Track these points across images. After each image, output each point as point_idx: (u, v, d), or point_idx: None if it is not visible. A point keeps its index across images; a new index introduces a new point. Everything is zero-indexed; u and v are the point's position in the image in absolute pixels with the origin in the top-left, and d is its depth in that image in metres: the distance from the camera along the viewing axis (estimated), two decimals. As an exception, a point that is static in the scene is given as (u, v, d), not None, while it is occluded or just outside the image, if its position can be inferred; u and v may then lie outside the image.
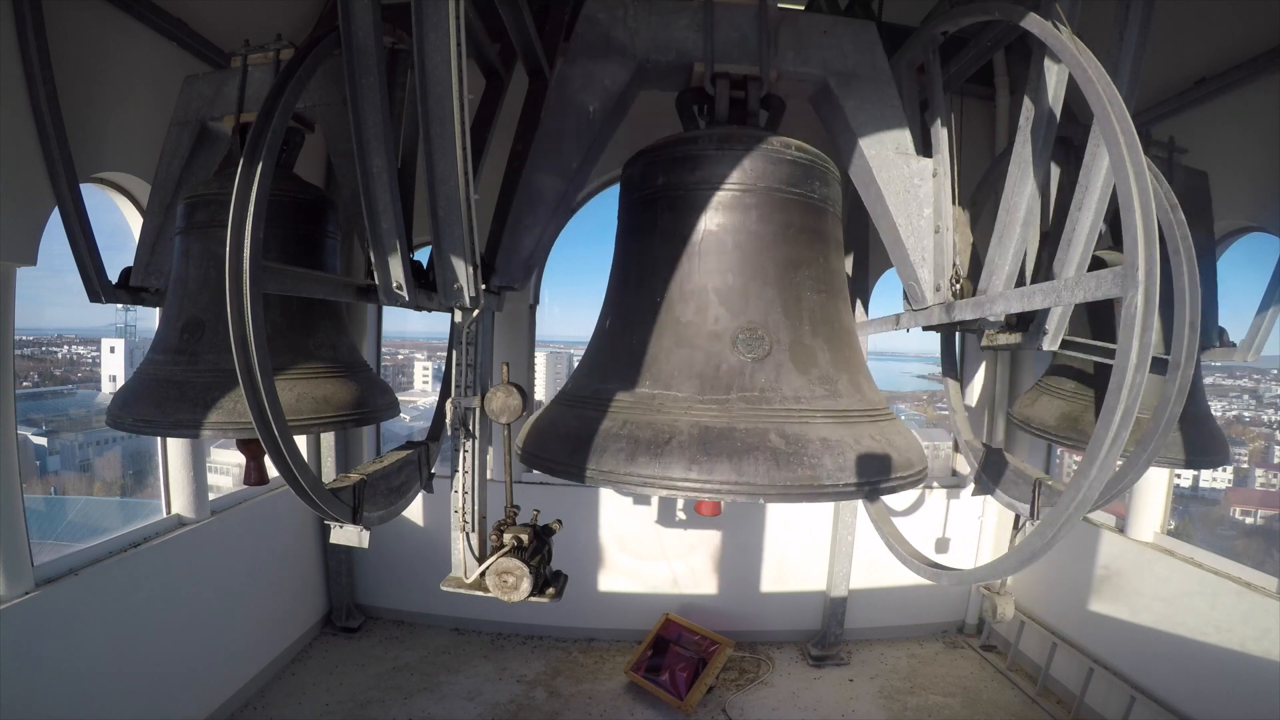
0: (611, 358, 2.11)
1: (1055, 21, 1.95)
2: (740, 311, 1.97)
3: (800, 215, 2.12)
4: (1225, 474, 15.32)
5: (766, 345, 1.92)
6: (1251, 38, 3.54)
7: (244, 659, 4.69)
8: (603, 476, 1.79)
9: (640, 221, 2.24)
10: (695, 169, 2.10)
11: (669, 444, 1.74)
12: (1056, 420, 3.17)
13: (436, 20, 1.63)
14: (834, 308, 2.14)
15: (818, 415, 1.86)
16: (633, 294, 2.16)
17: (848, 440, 1.82)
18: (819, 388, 1.93)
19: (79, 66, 3.09)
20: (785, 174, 2.11)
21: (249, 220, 1.48)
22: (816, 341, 2.02)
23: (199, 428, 2.14)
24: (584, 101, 2.27)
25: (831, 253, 2.22)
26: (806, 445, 1.75)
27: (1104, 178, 2.00)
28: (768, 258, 2.04)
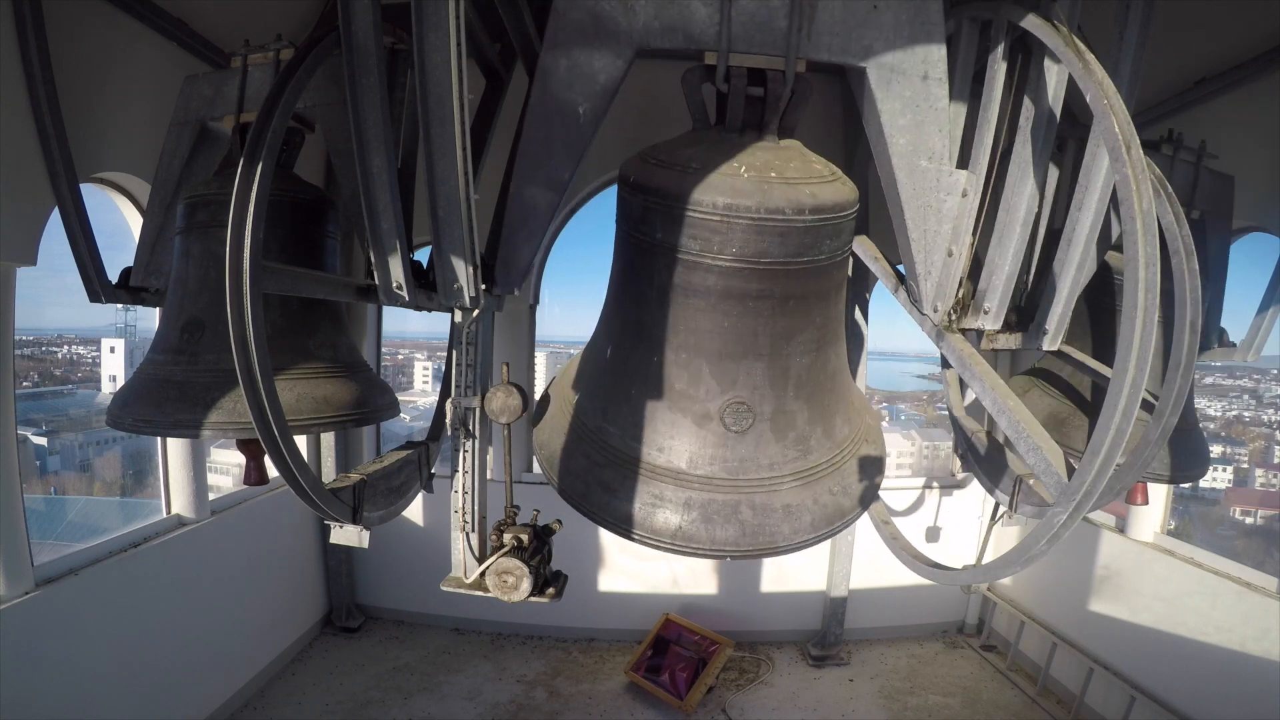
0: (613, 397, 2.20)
1: (1055, 21, 1.95)
2: (729, 385, 2.04)
3: (804, 284, 1.99)
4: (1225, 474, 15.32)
5: (750, 418, 2.06)
6: (1251, 38, 3.54)
7: (244, 659, 4.69)
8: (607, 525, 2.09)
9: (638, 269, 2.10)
10: (695, 237, 1.89)
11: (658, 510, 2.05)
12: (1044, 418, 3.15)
13: (436, 20, 1.63)
14: (823, 359, 2.16)
15: (786, 480, 2.09)
16: (631, 339, 2.16)
17: (806, 503, 2.09)
18: (792, 450, 2.12)
19: (79, 66, 3.09)
20: (794, 245, 1.90)
21: (249, 220, 1.48)
22: (798, 404, 2.12)
23: (199, 428, 2.14)
24: (571, 101, 1.95)
25: (832, 303, 2.15)
26: (770, 515, 2.03)
27: (1104, 178, 2.00)
28: (763, 331, 2.00)
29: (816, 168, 2.02)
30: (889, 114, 1.97)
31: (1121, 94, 1.75)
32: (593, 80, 1.94)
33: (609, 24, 1.89)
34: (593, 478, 2.13)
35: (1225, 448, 15.44)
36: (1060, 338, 2.37)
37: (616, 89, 1.98)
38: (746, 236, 1.84)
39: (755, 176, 1.89)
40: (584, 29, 1.90)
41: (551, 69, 1.95)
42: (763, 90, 1.98)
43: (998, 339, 2.53)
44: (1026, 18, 2.00)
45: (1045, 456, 1.88)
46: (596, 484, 2.12)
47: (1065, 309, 2.32)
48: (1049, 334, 2.36)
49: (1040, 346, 2.41)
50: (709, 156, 1.94)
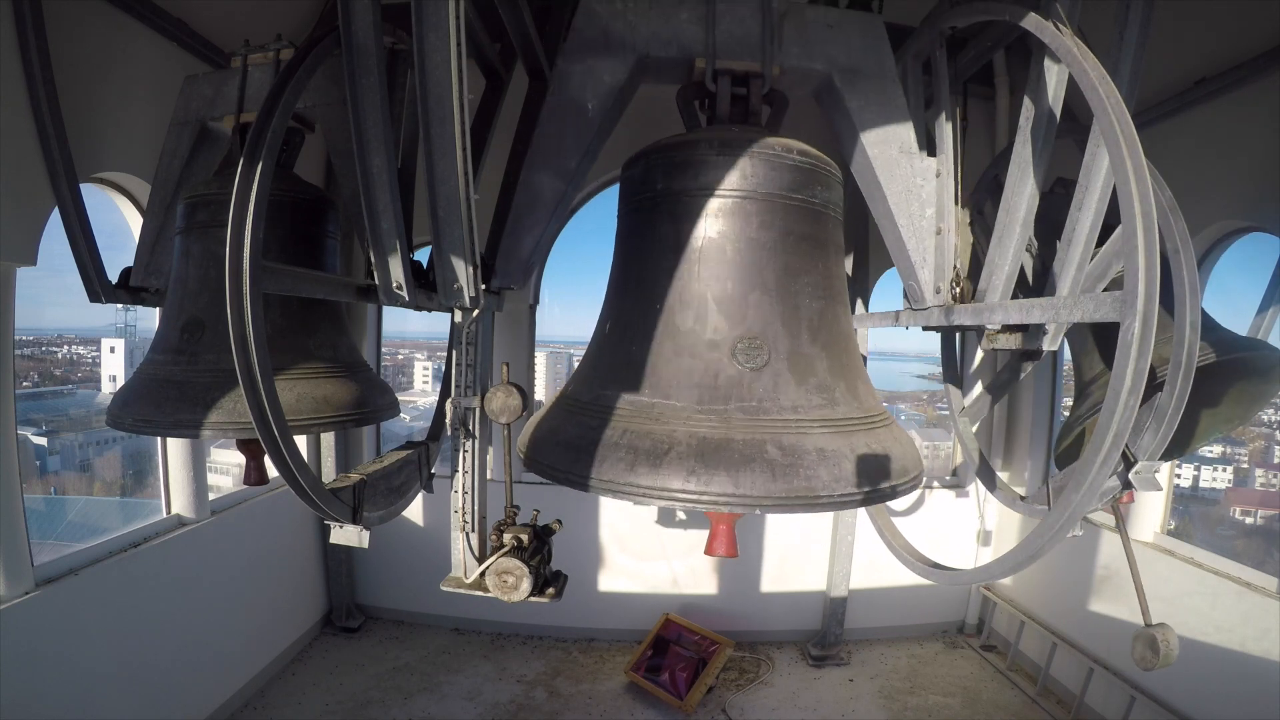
0: (611, 364, 2.08)
1: (1055, 21, 1.95)
2: (739, 321, 1.95)
3: (801, 222, 2.09)
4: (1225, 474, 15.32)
5: (765, 355, 1.90)
6: (1251, 38, 3.54)
7: (244, 659, 4.69)
8: (604, 485, 1.80)
9: (639, 227, 2.21)
10: (695, 175, 2.07)
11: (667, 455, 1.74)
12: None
13: (436, 20, 1.63)
14: (833, 314, 2.12)
15: (814, 425, 1.85)
16: (631, 299, 2.14)
17: (844, 450, 1.82)
18: (816, 396, 1.92)
19: (79, 66, 3.09)
20: (787, 180, 2.07)
21: (249, 220, 1.48)
22: (815, 349, 2.00)
23: (199, 428, 2.14)
24: (583, 99, 2.25)
25: (831, 258, 2.19)
26: (803, 457, 1.75)
27: (1104, 178, 2.00)
28: (767, 266, 2.01)
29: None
30: (856, 109, 2.28)
31: (1121, 94, 1.75)
32: (601, 82, 2.27)
33: (617, 38, 2.26)
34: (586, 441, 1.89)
35: (1225, 448, 15.44)
36: (1060, 338, 2.37)
37: (621, 89, 2.28)
38: (743, 167, 2.02)
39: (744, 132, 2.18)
40: (596, 43, 2.27)
41: (568, 74, 2.28)
42: (745, 90, 2.28)
43: (998, 339, 2.53)
44: (1026, 17, 2.00)
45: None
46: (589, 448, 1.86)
47: (1064, 313, 2.32)
48: (1048, 335, 2.36)
49: (1040, 346, 2.41)
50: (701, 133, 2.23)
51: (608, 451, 1.82)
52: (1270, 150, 3.57)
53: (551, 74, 2.41)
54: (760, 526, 5.78)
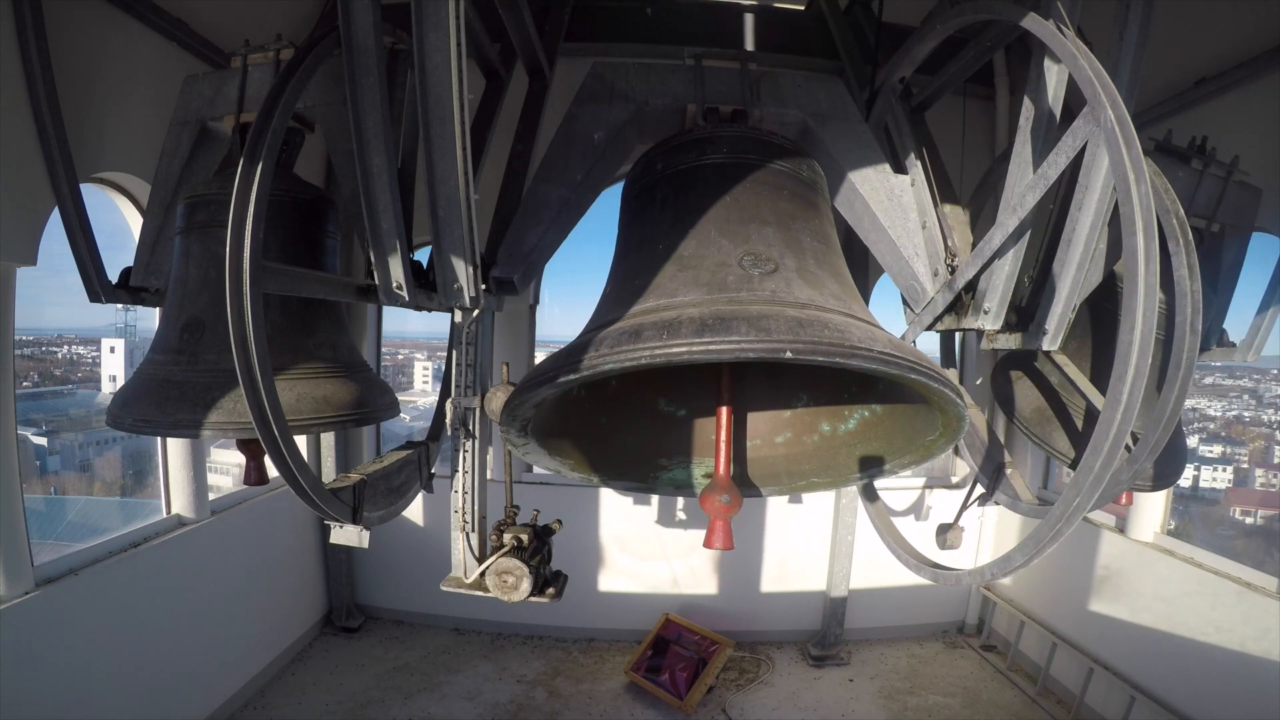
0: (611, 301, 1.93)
1: (1055, 21, 1.95)
2: (742, 241, 1.86)
3: (792, 182, 2.18)
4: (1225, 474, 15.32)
5: (773, 264, 1.79)
6: (1251, 38, 3.54)
7: (244, 659, 4.69)
8: (602, 360, 1.55)
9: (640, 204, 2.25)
10: (691, 150, 2.20)
11: (678, 322, 1.53)
12: (1031, 412, 3.15)
13: (436, 20, 1.63)
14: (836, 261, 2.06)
15: (835, 315, 1.65)
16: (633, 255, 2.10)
17: (873, 331, 1.64)
18: (832, 301, 1.75)
19: (79, 66, 3.09)
20: (775, 152, 2.22)
21: (249, 220, 1.48)
22: (822, 272, 1.89)
23: (199, 428, 2.14)
24: (590, 131, 2.50)
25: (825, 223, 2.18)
26: (829, 321, 1.56)
27: (1104, 178, 2.00)
28: (766, 206, 2.04)
29: None
30: (833, 143, 2.56)
31: (1121, 94, 1.75)
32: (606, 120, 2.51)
33: (620, 92, 2.55)
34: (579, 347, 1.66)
35: (1225, 448, 15.42)
36: (1060, 338, 2.37)
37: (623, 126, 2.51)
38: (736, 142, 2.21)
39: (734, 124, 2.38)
40: (603, 95, 2.54)
41: (577, 115, 2.52)
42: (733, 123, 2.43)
43: (998, 339, 2.53)
44: (1027, 17, 2.00)
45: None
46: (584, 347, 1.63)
47: (1065, 309, 2.32)
48: (1049, 334, 2.36)
49: (1040, 346, 2.41)
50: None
51: (609, 335, 1.61)
52: (1270, 150, 3.57)
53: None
54: (760, 526, 5.78)
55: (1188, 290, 2.20)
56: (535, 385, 1.69)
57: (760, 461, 2.45)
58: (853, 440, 2.34)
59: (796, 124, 2.62)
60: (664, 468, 2.43)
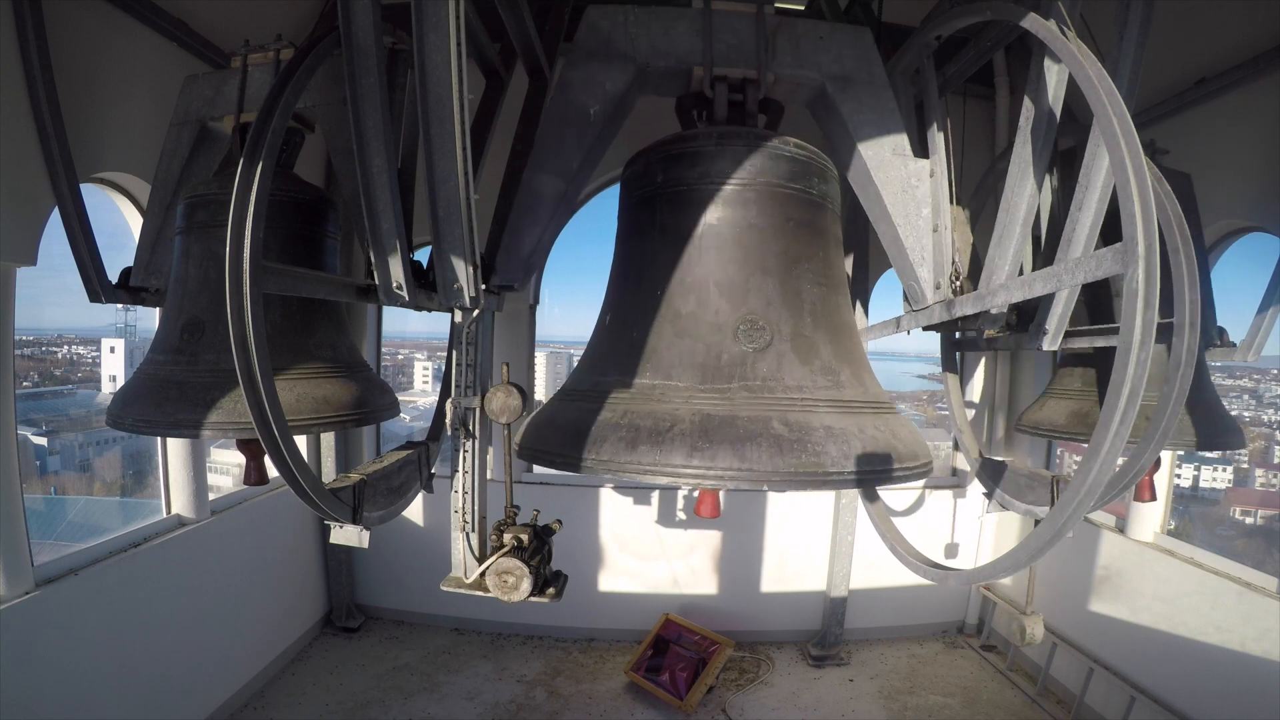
0: (611, 351, 2.09)
1: (1055, 21, 1.95)
2: (740, 302, 1.95)
3: (799, 210, 2.12)
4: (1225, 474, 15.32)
5: (768, 335, 1.89)
6: (1251, 38, 3.54)
7: (244, 659, 4.69)
8: (602, 465, 1.74)
9: (640, 219, 2.24)
10: (694, 165, 2.11)
11: (670, 432, 1.70)
12: (1066, 419, 3.19)
13: (436, 20, 1.63)
14: (834, 302, 2.13)
15: (821, 404, 1.82)
16: (632, 289, 2.16)
17: (852, 429, 1.79)
18: (821, 378, 1.90)
19: (79, 66, 3.09)
20: (784, 169, 2.12)
21: (249, 220, 1.48)
22: (818, 334, 1.99)
23: (199, 428, 2.14)
24: (585, 104, 2.29)
25: (831, 249, 2.21)
26: (810, 433, 1.71)
27: (1104, 178, 2.00)
28: (768, 251, 2.03)
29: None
30: (849, 113, 2.31)
31: (1121, 94, 1.75)
32: (602, 89, 2.30)
33: (618, 49, 2.31)
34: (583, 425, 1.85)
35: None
36: (1060, 337, 2.37)
37: (622, 96, 2.31)
38: (740, 156, 2.07)
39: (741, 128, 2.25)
40: (598, 53, 2.32)
41: (569, 81, 2.31)
42: (742, 96, 2.31)
43: (998, 339, 2.53)
44: (1027, 17, 2.00)
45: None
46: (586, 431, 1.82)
47: (1065, 309, 2.32)
48: (1049, 333, 2.36)
49: (1040, 346, 2.41)
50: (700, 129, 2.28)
51: (608, 431, 1.79)
52: (1270, 150, 3.57)
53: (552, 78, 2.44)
54: (760, 526, 5.78)
55: (1186, 289, 2.20)
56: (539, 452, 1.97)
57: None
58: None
59: (812, 88, 2.39)
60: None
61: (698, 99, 2.37)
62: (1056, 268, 1.94)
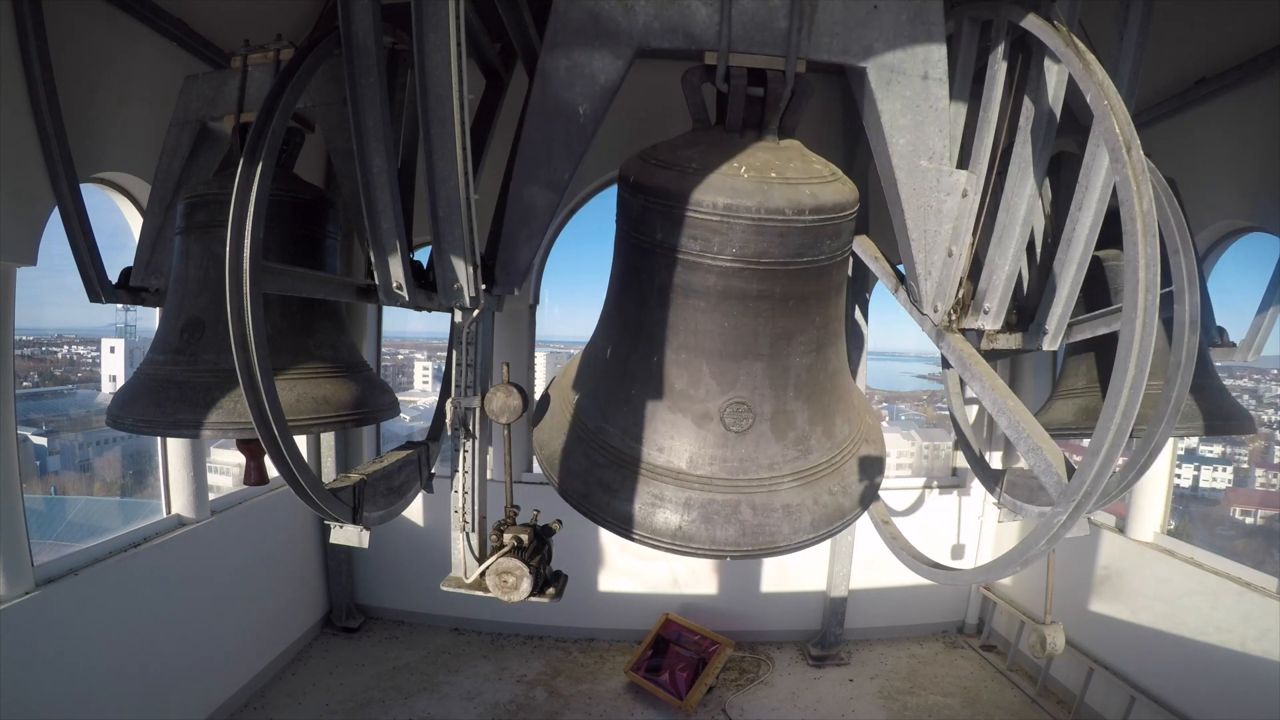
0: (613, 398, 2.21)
1: (1055, 21, 1.95)
2: (730, 386, 2.06)
3: (804, 284, 1.99)
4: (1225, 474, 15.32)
5: (750, 419, 2.07)
6: (1251, 38, 3.54)
7: (244, 659, 4.69)
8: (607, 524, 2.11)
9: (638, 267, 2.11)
10: (695, 237, 1.88)
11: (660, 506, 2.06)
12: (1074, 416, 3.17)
13: (436, 20, 1.63)
14: (823, 359, 2.17)
15: (786, 480, 2.11)
16: (630, 340, 2.18)
17: (807, 502, 2.11)
18: (792, 449, 2.13)
19: (79, 66, 3.09)
20: (794, 246, 1.89)
21: (249, 220, 1.48)
22: (798, 404, 2.14)
23: (199, 428, 2.14)
24: (571, 101, 1.95)
25: (832, 304, 2.15)
26: (770, 515, 2.05)
27: (1104, 178, 2.00)
28: (763, 332, 2.01)
29: (817, 168, 2.02)
30: (889, 114, 1.97)
31: (1121, 94, 1.75)
32: (593, 81, 1.94)
33: (609, 24, 1.89)
34: (593, 478, 2.14)
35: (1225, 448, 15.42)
36: (1060, 338, 2.37)
37: (616, 89, 1.98)
38: (746, 237, 1.84)
39: (755, 177, 1.88)
40: (584, 29, 1.90)
41: (552, 70, 1.95)
42: (763, 90, 1.97)
43: (998, 339, 2.53)
44: (1026, 18, 2.00)
45: (1045, 457, 1.86)
46: (597, 484, 2.13)
47: (1065, 309, 2.32)
48: (1049, 334, 2.36)
49: (1040, 346, 2.41)
50: (709, 157, 1.93)
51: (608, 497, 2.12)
52: (1270, 150, 3.57)
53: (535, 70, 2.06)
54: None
55: (1186, 289, 2.20)
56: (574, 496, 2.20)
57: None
58: None
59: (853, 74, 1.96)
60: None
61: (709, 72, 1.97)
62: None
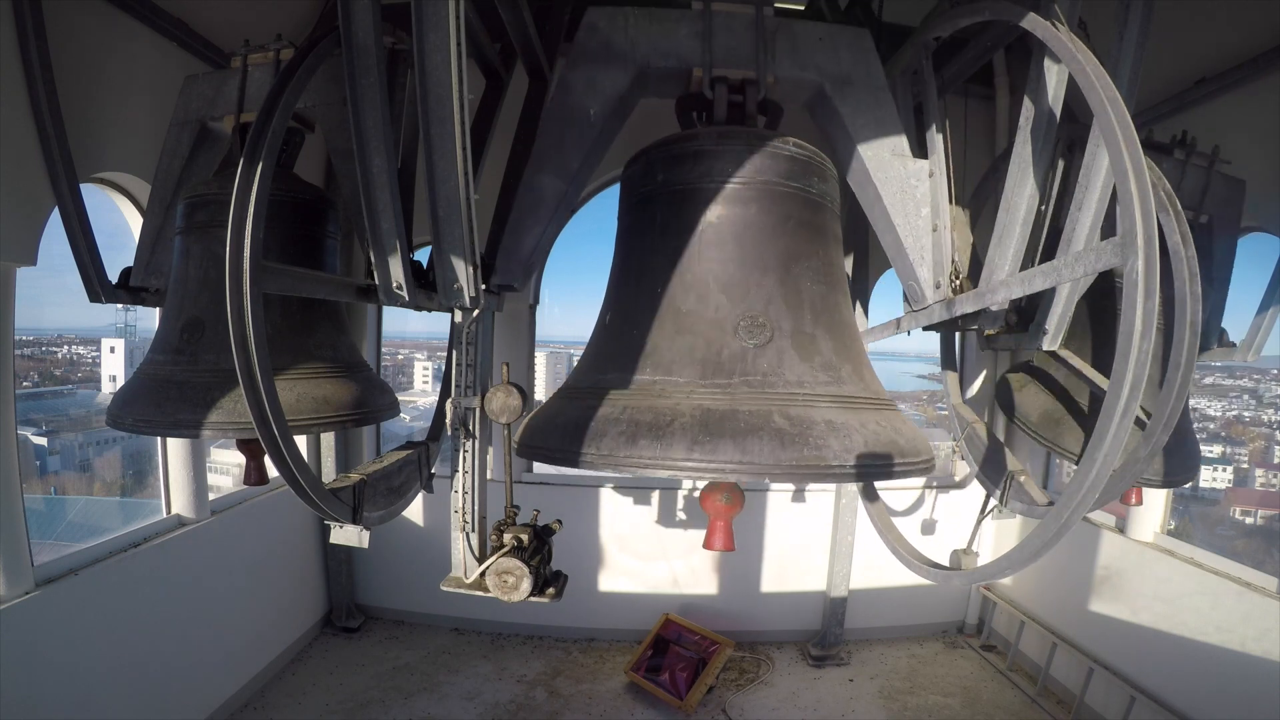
0: (611, 349, 2.08)
1: (1055, 21, 1.95)
2: (741, 300, 1.94)
3: (799, 209, 2.13)
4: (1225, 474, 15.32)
5: (768, 332, 1.88)
6: (1251, 38, 3.54)
7: (244, 659, 4.69)
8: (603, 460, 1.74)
9: (640, 219, 2.24)
10: (694, 164, 2.12)
11: (671, 426, 1.69)
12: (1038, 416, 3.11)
13: (436, 20, 1.63)
14: (834, 300, 2.12)
15: (821, 400, 1.81)
16: (632, 288, 2.16)
17: (854, 424, 1.78)
18: (822, 374, 1.89)
19: (79, 67, 3.09)
20: (783, 168, 2.13)
21: (249, 220, 1.48)
22: (818, 330, 1.98)
23: (199, 428, 2.14)
24: (585, 105, 2.31)
25: (831, 247, 2.21)
26: (812, 427, 1.70)
27: (1104, 177, 2.00)
28: (768, 249, 2.04)
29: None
30: (849, 116, 2.35)
31: (1121, 94, 1.75)
32: (602, 90, 2.33)
33: (618, 50, 2.35)
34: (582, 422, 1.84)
35: (1225, 448, 15.43)
36: (1060, 338, 2.37)
37: (622, 96, 2.35)
38: (740, 155, 2.08)
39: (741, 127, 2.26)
40: (598, 54, 2.35)
41: (571, 83, 2.35)
42: (742, 97, 2.33)
43: (998, 339, 2.54)
44: (1026, 17, 2.00)
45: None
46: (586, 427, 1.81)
47: (1065, 309, 2.32)
48: (1049, 334, 2.36)
49: (1040, 346, 2.42)
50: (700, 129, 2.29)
51: (607, 426, 1.78)
52: (1270, 150, 3.57)
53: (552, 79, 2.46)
54: (760, 527, 5.78)
55: (1187, 289, 2.20)
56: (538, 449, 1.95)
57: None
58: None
59: (812, 89, 2.42)
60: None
61: (697, 100, 2.38)
62: (1056, 262, 1.93)
